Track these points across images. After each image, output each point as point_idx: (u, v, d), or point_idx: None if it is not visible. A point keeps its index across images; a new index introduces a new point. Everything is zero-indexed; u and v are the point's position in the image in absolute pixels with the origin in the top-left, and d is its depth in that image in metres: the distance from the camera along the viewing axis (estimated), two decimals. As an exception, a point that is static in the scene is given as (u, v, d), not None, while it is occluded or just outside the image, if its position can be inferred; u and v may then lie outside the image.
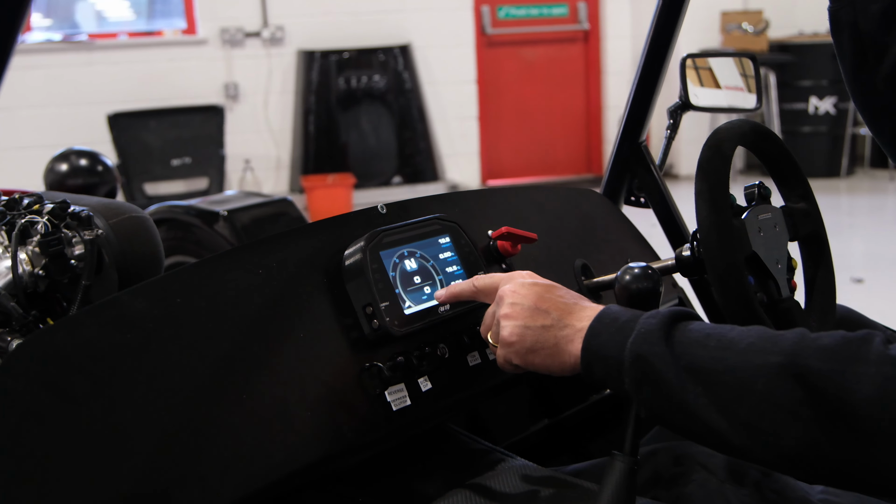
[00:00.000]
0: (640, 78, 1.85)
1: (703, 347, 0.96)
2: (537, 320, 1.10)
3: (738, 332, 0.96)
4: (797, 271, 1.47)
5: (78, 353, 0.97)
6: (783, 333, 0.93)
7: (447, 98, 8.54)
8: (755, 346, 0.93)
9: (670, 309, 1.03)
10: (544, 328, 1.10)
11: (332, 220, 1.28)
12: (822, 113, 8.44)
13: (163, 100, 7.38)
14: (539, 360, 1.11)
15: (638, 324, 1.02)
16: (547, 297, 1.12)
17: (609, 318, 1.06)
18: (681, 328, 0.99)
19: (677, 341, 0.98)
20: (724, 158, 1.31)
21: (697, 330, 0.98)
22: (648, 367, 0.98)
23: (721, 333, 0.96)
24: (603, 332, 1.04)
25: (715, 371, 0.94)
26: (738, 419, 0.92)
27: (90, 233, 1.47)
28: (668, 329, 0.99)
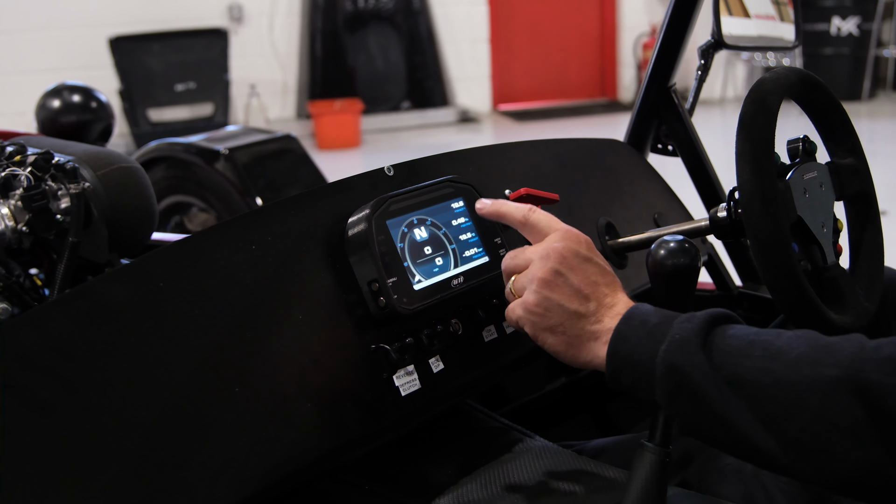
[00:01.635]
0: (672, 13, 1.70)
1: (748, 357, 0.85)
2: (573, 303, 0.99)
3: (785, 338, 0.85)
4: (843, 233, 1.35)
5: (45, 353, 0.86)
6: (838, 341, 0.82)
7: (457, 19, 8.32)
8: (807, 357, 0.82)
9: (707, 312, 0.91)
10: (576, 315, 0.99)
11: (333, 185, 1.16)
12: (844, 34, 8.21)
13: (165, 22, 7.18)
14: (553, 342, 1.00)
15: (671, 329, 0.90)
16: (594, 280, 1.00)
17: (637, 319, 0.94)
18: (719, 334, 0.88)
19: (717, 349, 0.87)
20: (770, 114, 1.17)
21: (740, 336, 0.87)
22: (684, 378, 0.87)
23: (767, 341, 0.85)
24: (631, 337, 0.93)
25: (761, 384, 0.83)
26: (788, 438, 0.82)
27: (76, 186, 1.37)
28: (705, 335, 0.88)
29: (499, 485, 1.13)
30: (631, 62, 9.00)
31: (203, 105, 7.23)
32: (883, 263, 1.34)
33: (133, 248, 1.51)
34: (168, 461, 0.88)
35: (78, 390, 0.86)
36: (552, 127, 8.13)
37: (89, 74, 6.78)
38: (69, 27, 7.11)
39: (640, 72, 8.91)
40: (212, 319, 0.97)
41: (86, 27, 7.08)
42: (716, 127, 7.44)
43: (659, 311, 0.95)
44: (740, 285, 1.83)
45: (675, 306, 1.11)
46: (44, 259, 1.47)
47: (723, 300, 1.80)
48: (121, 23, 7.02)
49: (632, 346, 0.92)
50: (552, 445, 1.23)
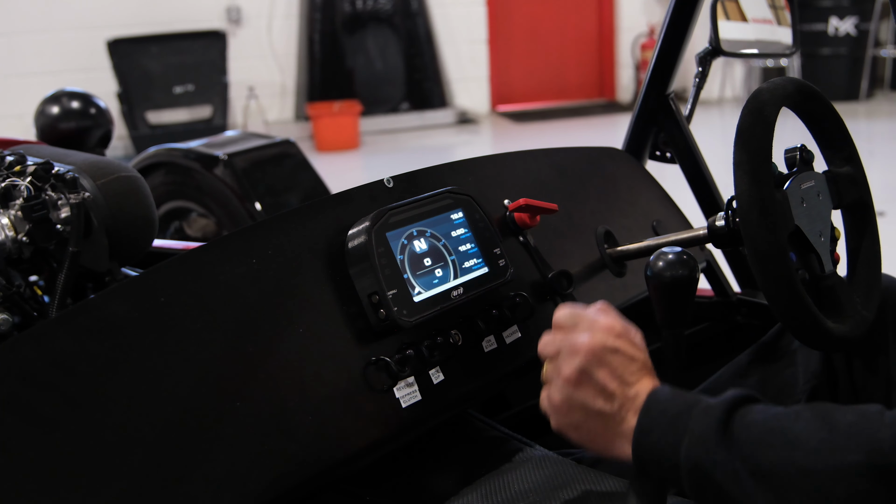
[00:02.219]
0: (670, 21, 1.70)
1: (769, 447, 0.84)
2: (597, 403, 0.96)
3: (804, 422, 0.85)
4: (840, 241, 1.35)
5: (48, 368, 0.86)
6: (856, 420, 0.82)
7: (456, 20, 8.32)
8: (828, 444, 0.82)
9: (724, 399, 0.90)
10: (600, 415, 0.96)
11: (333, 197, 1.16)
12: (842, 34, 8.20)
13: (163, 24, 7.18)
14: (577, 437, 0.98)
15: (691, 421, 0.89)
16: (620, 373, 0.96)
17: (657, 409, 0.92)
18: (738, 421, 0.87)
19: (737, 439, 0.86)
20: (767, 125, 1.18)
21: (758, 423, 0.86)
22: (708, 476, 0.87)
23: (785, 427, 0.85)
24: (654, 429, 0.91)
25: (786, 475, 0.83)
26: None
27: (76, 195, 1.37)
28: (724, 427, 0.87)
29: (500, 495, 1.13)
30: (629, 63, 9.00)
31: (201, 107, 7.23)
32: (880, 271, 1.35)
33: (133, 256, 1.51)
34: (170, 476, 0.89)
35: (80, 406, 0.86)
36: (551, 128, 8.13)
37: (87, 77, 6.79)
38: (67, 29, 7.10)
39: (639, 72, 8.91)
40: (213, 333, 0.97)
41: (84, 29, 7.08)
42: (714, 127, 7.45)
43: (676, 396, 0.93)
44: (739, 291, 1.83)
45: (674, 317, 1.12)
46: (44, 267, 1.48)
47: (721, 306, 1.81)
48: (119, 25, 7.02)
49: (654, 440, 0.91)
50: (552, 455, 1.24)
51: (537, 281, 1.30)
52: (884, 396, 1.32)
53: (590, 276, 1.41)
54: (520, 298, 1.23)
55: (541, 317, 1.28)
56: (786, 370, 1.41)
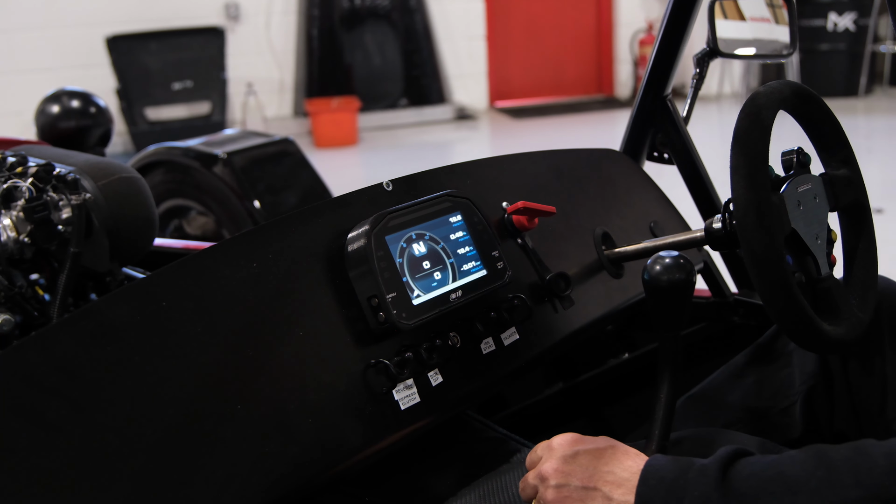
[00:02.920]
0: (668, 22, 1.71)
1: (771, 496, 0.86)
2: (586, 501, 0.98)
3: (798, 466, 0.87)
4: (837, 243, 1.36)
5: (52, 373, 0.87)
6: (851, 456, 0.84)
7: (454, 16, 8.32)
8: (827, 482, 0.84)
9: (718, 458, 0.92)
10: (602, 495, 0.98)
11: (332, 201, 1.17)
12: (840, 30, 8.20)
13: (162, 21, 7.18)
14: None
15: (688, 484, 0.91)
16: (590, 468, 0.99)
17: (655, 477, 0.94)
18: (736, 476, 0.89)
19: (737, 493, 0.88)
20: (764, 128, 1.19)
21: (756, 474, 0.88)
22: None
23: (783, 473, 0.87)
24: (654, 498, 0.93)
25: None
26: None
27: (77, 197, 1.38)
28: (722, 486, 0.89)
29: (498, 496, 1.14)
30: (627, 58, 9.01)
31: (200, 104, 7.23)
32: (877, 274, 1.35)
33: (134, 256, 1.52)
34: (172, 478, 0.90)
35: (83, 409, 0.87)
36: (549, 124, 8.13)
37: (86, 73, 6.79)
38: (66, 26, 7.10)
39: (637, 68, 8.91)
40: (214, 337, 0.98)
41: (83, 26, 7.07)
42: (712, 124, 7.45)
43: (671, 461, 0.95)
44: (735, 292, 1.84)
45: (671, 321, 1.13)
46: (45, 267, 1.49)
47: (718, 307, 1.82)
48: (118, 22, 7.02)
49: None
50: (549, 455, 1.25)
51: (535, 283, 1.31)
52: (879, 398, 1.32)
53: (587, 278, 1.42)
54: (518, 301, 1.23)
55: (539, 319, 1.29)
56: (782, 371, 1.42)
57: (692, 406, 1.49)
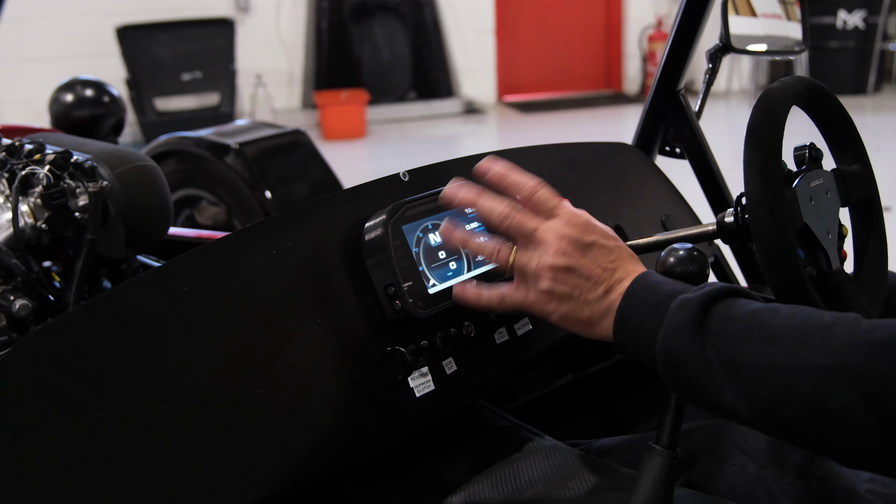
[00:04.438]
0: (682, 18, 1.72)
1: (744, 341, 0.87)
2: (581, 291, 1.02)
3: (780, 319, 0.88)
4: (847, 238, 1.37)
5: (76, 355, 0.88)
6: (832, 323, 0.85)
7: (463, 10, 8.32)
8: (801, 343, 0.84)
9: (703, 292, 0.93)
10: (585, 302, 1.02)
11: (349, 190, 1.18)
12: (850, 27, 8.20)
13: (172, 11, 7.20)
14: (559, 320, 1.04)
15: (668, 313, 0.93)
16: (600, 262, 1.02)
17: (640, 297, 0.97)
18: (716, 315, 0.91)
19: (713, 334, 0.90)
20: (777, 123, 1.20)
21: (736, 318, 0.90)
22: (680, 366, 0.91)
23: (762, 323, 0.88)
24: (633, 316, 0.97)
25: (757, 368, 0.86)
26: (783, 420, 0.85)
27: (94, 184, 1.39)
28: (700, 320, 0.91)
29: (509, 483, 1.16)
30: (636, 54, 9.00)
31: (209, 94, 7.25)
32: (887, 268, 1.36)
33: (149, 244, 1.54)
34: (192, 460, 0.91)
35: (106, 391, 0.89)
36: (557, 119, 8.14)
37: (96, 63, 6.81)
38: (77, 16, 7.12)
39: (646, 64, 8.91)
40: (234, 323, 0.99)
41: (93, 16, 7.10)
42: (721, 120, 7.45)
43: (661, 283, 0.98)
44: (746, 286, 1.85)
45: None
46: (60, 254, 1.50)
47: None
48: (128, 12, 7.04)
49: (633, 327, 0.96)
50: (561, 445, 1.26)
51: None
52: (888, 391, 1.34)
53: (600, 270, 1.43)
54: (532, 291, 1.25)
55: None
56: (791, 364, 1.43)
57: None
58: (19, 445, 0.83)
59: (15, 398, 0.84)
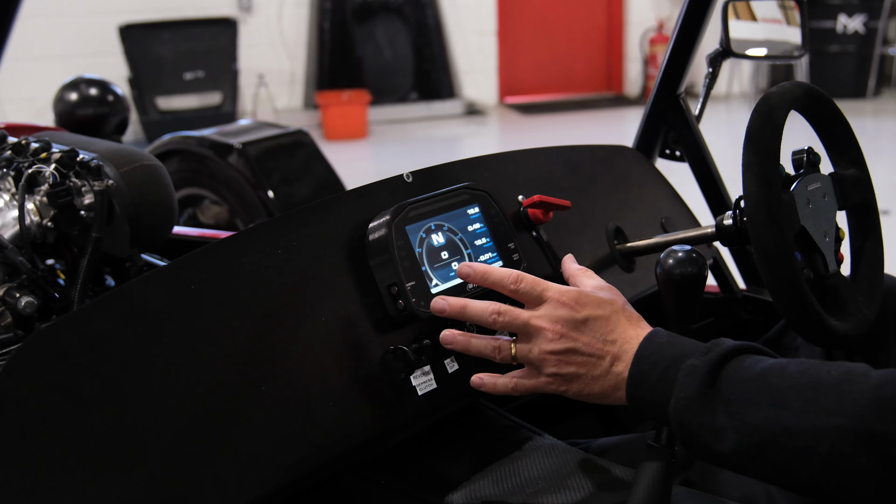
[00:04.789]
0: (682, 22, 1.74)
1: (755, 406, 0.88)
2: (586, 368, 1.01)
3: (789, 380, 0.88)
4: (844, 241, 1.39)
5: (85, 351, 0.90)
6: (841, 381, 0.86)
7: (465, 12, 8.34)
8: (813, 404, 0.85)
9: (710, 358, 0.93)
10: (593, 379, 1.01)
11: (354, 191, 1.20)
12: (850, 32, 8.21)
13: (175, 10, 7.21)
14: (570, 393, 1.04)
15: (677, 381, 0.93)
16: (600, 335, 1.01)
17: (647, 362, 0.97)
18: (725, 380, 0.91)
19: (724, 400, 0.90)
20: (776, 128, 1.21)
21: (745, 382, 0.90)
22: (695, 435, 0.92)
23: (771, 385, 0.89)
24: (643, 383, 0.97)
25: (771, 433, 0.87)
26: (800, 479, 0.86)
27: (100, 183, 1.41)
28: (710, 388, 0.91)
29: (510, 481, 1.17)
30: (637, 57, 9.02)
31: (211, 94, 7.26)
32: (883, 272, 1.38)
33: (153, 243, 1.55)
34: (199, 456, 0.93)
35: (115, 387, 0.90)
36: (558, 121, 8.15)
37: (98, 62, 6.82)
38: (80, 14, 7.13)
39: (647, 66, 8.92)
40: (240, 321, 1.01)
41: (96, 14, 7.11)
42: (721, 123, 7.46)
43: (665, 347, 0.97)
44: (744, 288, 1.87)
45: (683, 313, 1.16)
46: (65, 252, 1.51)
47: (727, 302, 1.85)
48: (131, 10, 7.05)
49: (644, 394, 0.96)
50: (561, 444, 1.28)
51: (549, 275, 1.34)
52: (884, 393, 1.35)
53: (600, 271, 1.44)
54: (533, 292, 1.26)
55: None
56: (789, 366, 1.44)
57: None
58: (29, 439, 0.84)
59: (25, 393, 0.86)
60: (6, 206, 1.45)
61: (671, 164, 1.85)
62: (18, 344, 1.28)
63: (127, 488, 0.87)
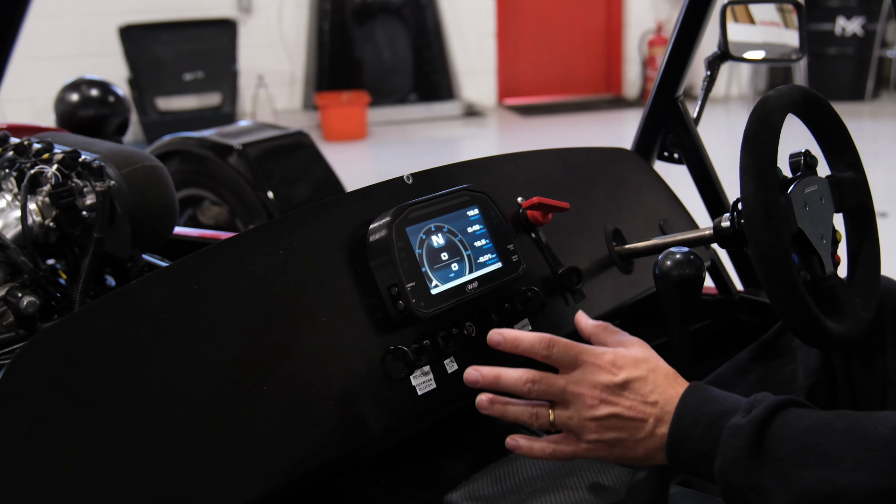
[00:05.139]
0: (681, 25, 1.75)
1: (803, 467, 0.87)
2: (628, 432, 0.99)
3: (837, 437, 0.88)
4: (841, 244, 1.40)
5: (89, 351, 0.91)
6: (890, 437, 0.85)
7: (465, 13, 8.35)
8: (864, 464, 0.85)
9: (755, 416, 0.91)
10: (637, 442, 0.99)
11: (355, 192, 1.21)
12: (848, 34, 8.22)
13: (175, 11, 7.22)
14: (611, 457, 1.02)
15: (721, 441, 0.91)
16: (639, 396, 0.98)
17: (689, 419, 0.95)
18: (770, 438, 0.90)
19: (770, 460, 0.89)
20: (773, 131, 1.22)
21: (791, 440, 0.89)
22: (741, 495, 0.91)
23: (818, 443, 0.88)
24: (686, 441, 0.95)
25: (823, 494, 0.86)
26: None
27: (102, 184, 1.41)
28: (756, 448, 0.90)
29: (508, 481, 1.18)
30: (636, 59, 9.03)
31: (211, 95, 7.27)
32: (879, 274, 1.39)
33: (154, 244, 1.56)
34: (201, 454, 0.94)
35: (118, 386, 0.91)
36: (557, 122, 8.16)
37: (98, 62, 6.82)
38: (80, 15, 7.14)
39: (646, 68, 8.94)
40: (242, 321, 1.02)
41: (96, 15, 7.11)
42: (720, 125, 7.48)
43: (707, 402, 0.96)
44: (742, 290, 1.88)
45: (681, 315, 1.17)
46: (67, 252, 1.52)
47: (725, 304, 1.86)
48: (131, 11, 7.06)
49: (687, 453, 0.95)
50: (559, 444, 1.28)
51: (548, 276, 1.35)
52: (880, 395, 1.36)
53: (598, 273, 1.46)
54: (531, 293, 1.27)
55: (551, 311, 1.33)
56: (786, 367, 1.45)
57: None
58: (34, 437, 0.85)
59: (30, 391, 0.86)
60: (8, 207, 1.45)
61: (669, 167, 1.87)
62: (20, 343, 1.29)
63: (129, 486, 0.88)
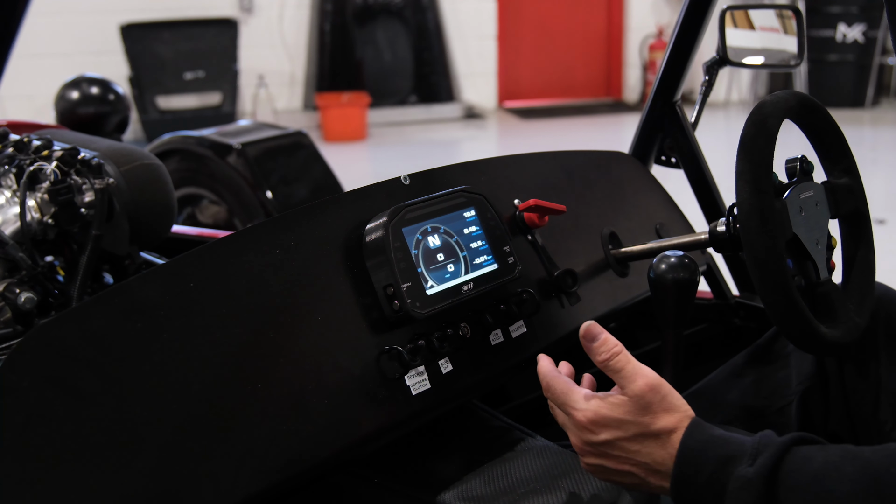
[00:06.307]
0: (679, 30, 1.75)
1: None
2: (624, 478, 1.01)
3: (848, 483, 0.87)
4: (836, 249, 1.40)
5: (85, 346, 0.91)
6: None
7: (466, 16, 8.35)
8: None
9: (762, 466, 0.91)
10: (632, 485, 1.01)
11: (352, 193, 1.21)
12: (849, 41, 8.23)
13: (176, 10, 7.22)
14: (620, 482, 1.03)
15: (729, 491, 0.91)
16: (626, 454, 0.99)
17: (692, 467, 0.94)
18: (781, 488, 0.89)
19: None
20: (769, 136, 1.23)
21: (801, 489, 0.89)
22: None
23: (829, 491, 0.87)
24: (690, 486, 0.94)
25: None
26: None
27: (101, 181, 1.42)
28: (767, 500, 0.89)
29: (501, 481, 1.19)
30: (637, 63, 9.04)
31: (211, 94, 7.28)
32: (874, 280, 1.39)
33: (152, 241, 1.57)
34: (195, 450, 0.94)
35: (114, 382, 0.92)
36: (557, 125, 8.17)
37: (99, 60, 6.83)
38: (81, 13, 7.14)
39: (646, 72, 8.95)
40: (238, 319, 1.02)
41: (97, 13, 7.12)
42: (719, 130, 7.48)
43: (709, 447, 0.95)
44: (737, 294, 1.88)
45: (675, 318, 1.17)
46: (65, 249, 1.53)
47: (720, 308, 1.86)
48: (132, 10, 7.06)
49: (693, 496, 0.94)
50: (553, 445, 1.29)
51: (544, 279, 1.36)
52: (873, 401, 1.36)
53: (594, 276, 1.46)
54: (526, 295, 1.28)
55: (546, 313, 1.34)
56: (779, 372, 1.46)
57: (691, 403, 1.52)
58: (30, 432, 0.86)
59: (26, 386, 0.87)
60: (7, 203, 1.46)
61: (667, 171, 1.87)
62: (18, 338, 1.29)
63: (124, 481, 0.89)
